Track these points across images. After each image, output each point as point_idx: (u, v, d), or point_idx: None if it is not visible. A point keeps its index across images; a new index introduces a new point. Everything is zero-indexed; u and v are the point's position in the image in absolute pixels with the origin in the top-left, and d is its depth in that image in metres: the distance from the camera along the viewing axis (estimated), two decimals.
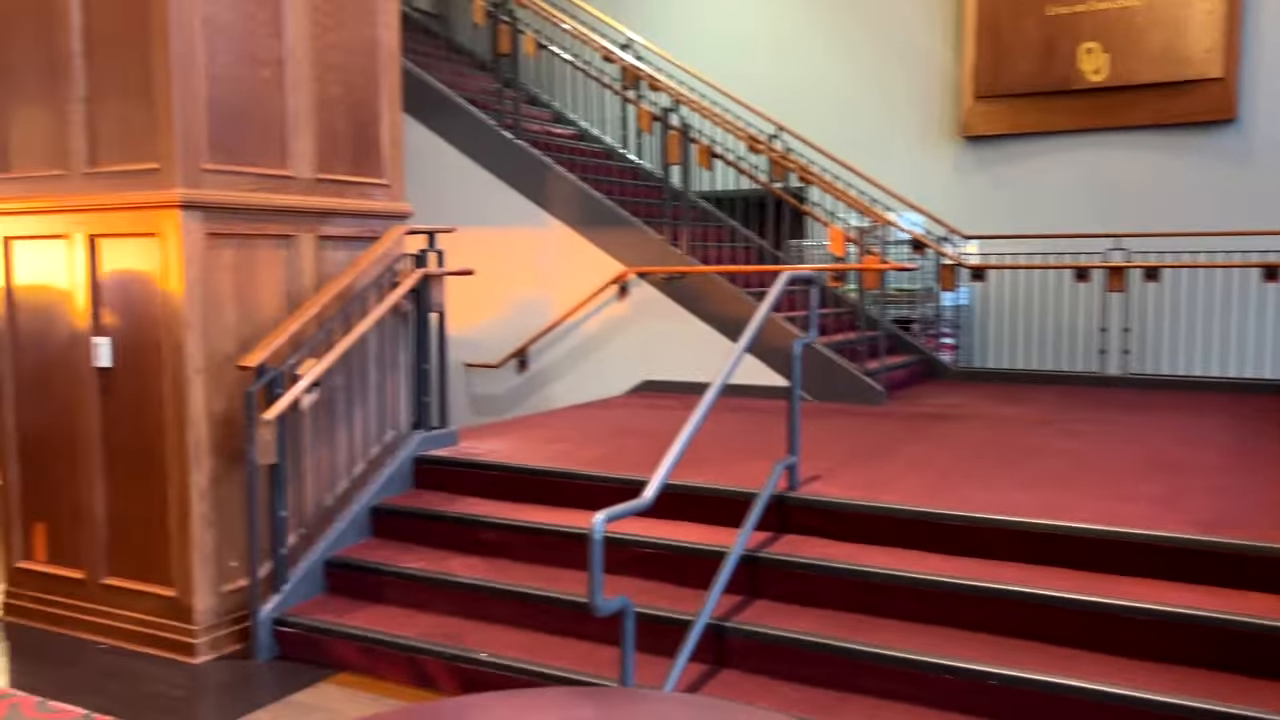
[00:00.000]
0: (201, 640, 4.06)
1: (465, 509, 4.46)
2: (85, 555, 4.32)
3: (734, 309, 6.56)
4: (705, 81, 8.24)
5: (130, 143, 4.05)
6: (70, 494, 4.34)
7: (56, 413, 4.37)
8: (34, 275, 4.41)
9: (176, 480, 4.05)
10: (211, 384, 4.09)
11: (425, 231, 4.86)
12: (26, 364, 4.46)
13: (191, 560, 4.05)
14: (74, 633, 4.32)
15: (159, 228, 4.00)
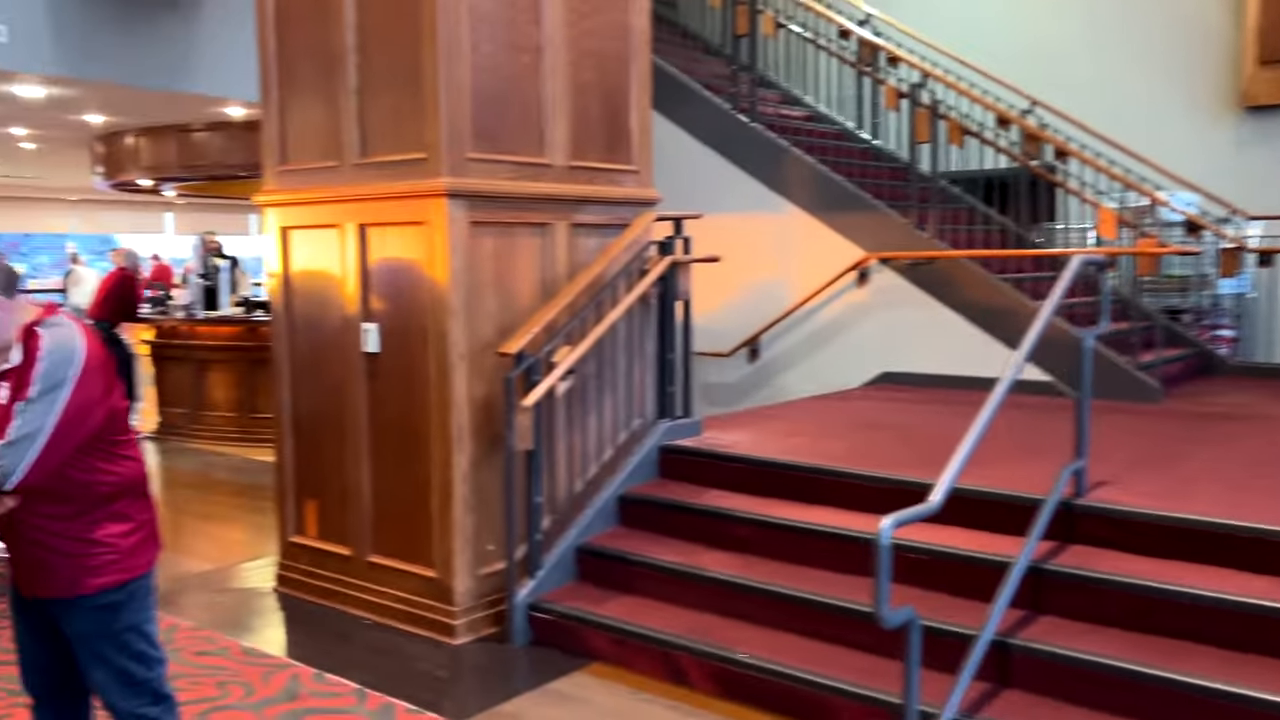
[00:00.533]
0: (460, 622, 4.13)
1: (714, 502, 4.35)
2: (352, 533, 4.49)
3: (986, 296, 6.17)
4: (948, 55, 7.80)
5: (399, 133, 4.15)
6: (339, 473, 4.53)
7: (327, 395, 4.56)
8: (308, 263, 4.61)
9: (439, 463, 4.14)
10: (472, 369, 4.15)
11: (673, 218, 4.77)
12: (300, 348, 4.68)
13: (453, 542, 4.13)
14: (341, 607, 4.50)
15: (426, 216, 4.08)
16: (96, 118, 8.50)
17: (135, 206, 18.87)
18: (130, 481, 2.54)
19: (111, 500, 2.49)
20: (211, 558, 5.37)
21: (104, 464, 2.47)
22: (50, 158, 11.43)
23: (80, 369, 2.35)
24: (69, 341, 2.38)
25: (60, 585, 2.46)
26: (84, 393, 2.36)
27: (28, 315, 2.43)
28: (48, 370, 2.32)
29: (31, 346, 2.36)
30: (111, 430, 2.48)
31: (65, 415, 2.32)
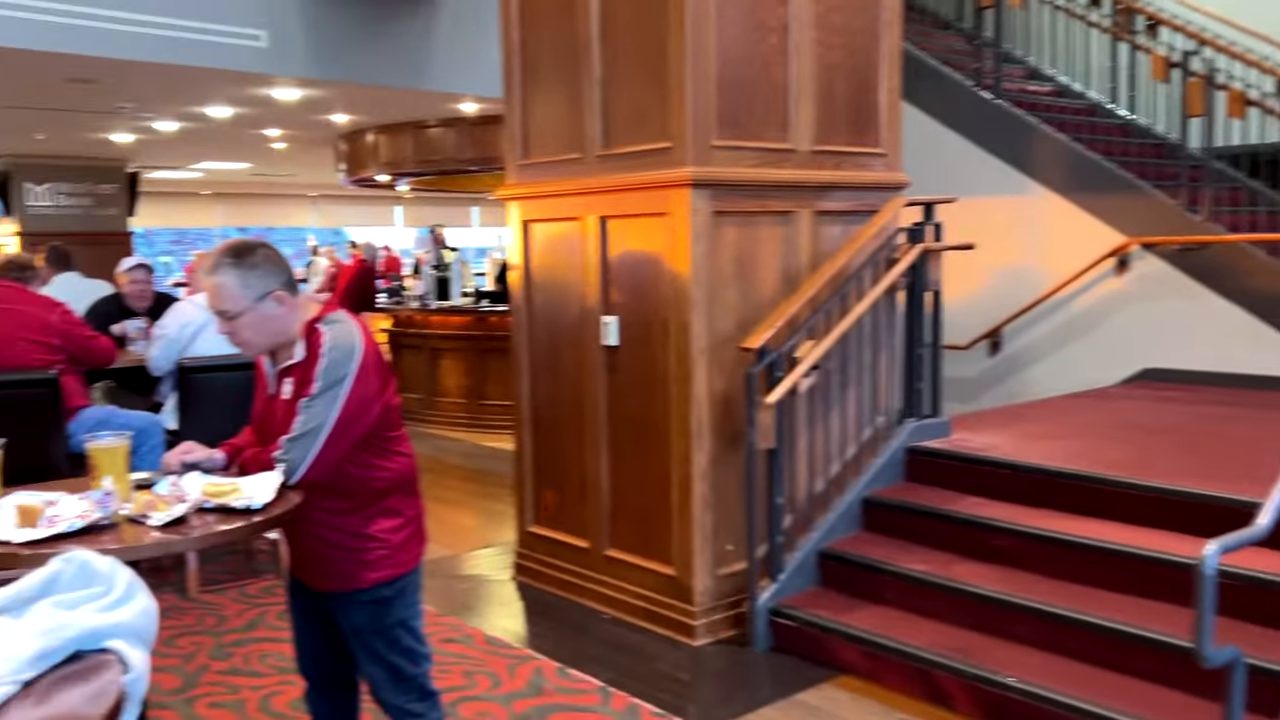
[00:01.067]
0: (700, 623, 4.03)
1: (969, 509, 4.05)
2: (590, 526, 4.47)
3: (1270, 284, 5.52)
4: (1218, 18, 7.05)
5: (643, 123, 4.06)
6: (577, 465, 4.51)
7: (566, 386, 4.56)
8: (548, 256, 4.62)
9: (678, 459, 4.04)
10: (712, 364, 4.02)
11: (923, 203, 4.48)
12: (540, 339, 4.70)
13: (692, 540, 4.02)
14: (579, 599, 4.50)
15: (668, 207, 3.99)
16: (341, 117, 8.94)
17: (368, 201, 19.98)
18: (402, 477, 2.55)
19: (385, 495, 2.50)
20: (447, 543, 5.51)
21: (378, 459, 2.48)
22: (297, 156, 12.18)
23: (359, 365, 2.37)
24: (349, 338, 2.39)
25: (338, 579, 2.50)
26: (362, 388, 2.37)
27: (309, 312, 2.46)
28: (329, 367, 2.34)
29: (314, 343, 2.39)
30: (386, 426, 2.49)
31: (345, 411, 2.33)
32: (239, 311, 2.37)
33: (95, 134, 9.75)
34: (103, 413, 4.59)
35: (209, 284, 2.38)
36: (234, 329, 2.39)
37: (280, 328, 2.42)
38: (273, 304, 2.39)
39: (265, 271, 2.39)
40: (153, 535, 1.97)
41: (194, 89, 7.33)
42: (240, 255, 2.38)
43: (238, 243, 2.43)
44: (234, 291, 2.36)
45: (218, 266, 2.37)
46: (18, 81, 6.87)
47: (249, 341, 2.42)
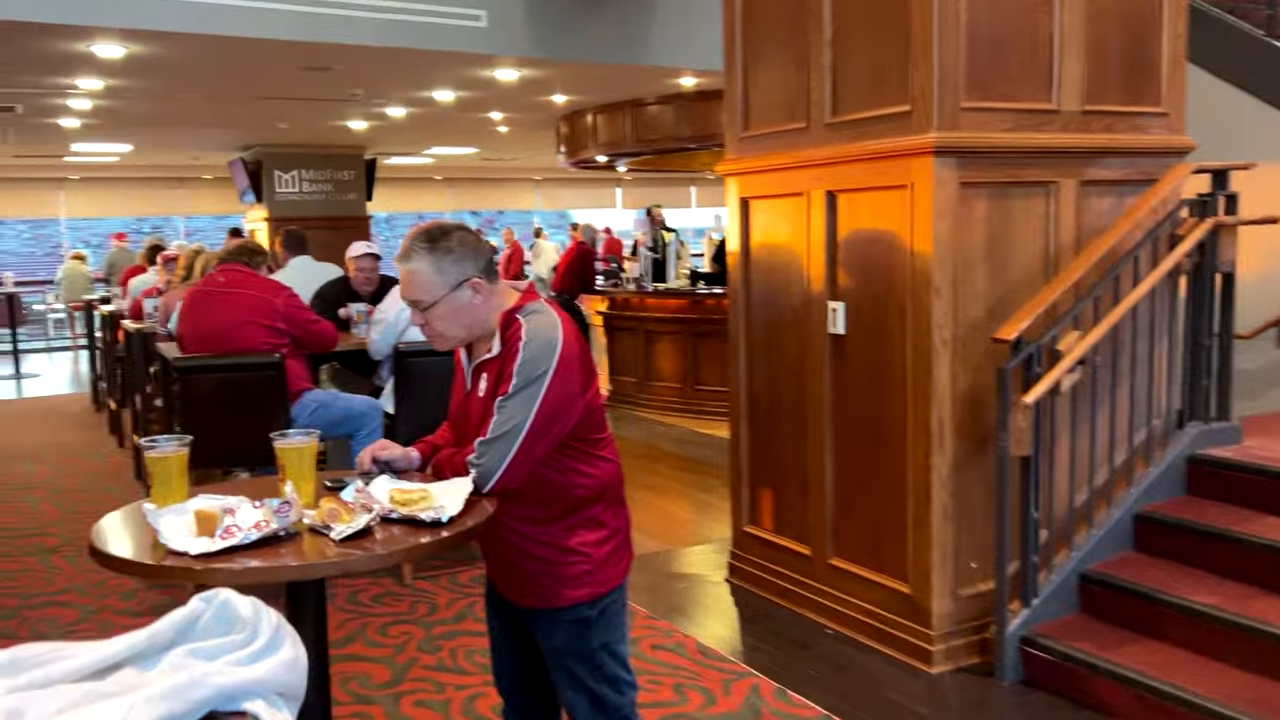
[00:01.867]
0: (938, 648, 3.58)
1: (1270, 533, 3.40)
2: (812, 531, 4.10)
3: None
4: None
5: (878, 85, 3.63)
6: (797, 464, 4.15)
7: (787, 377, 4.20)
8: (769, 235, 4.26)
9: (915, 463, 3.60)
10: (957, 357, 3.55)
11: (1214, 170, 3.82)
12: (758, 325, 4.36)
13: (929, 555, 3.58)
14: (798, 610, 4.14)
15: (907, 178, 3.54)
16: (560, 97, 8.88)
17: (589, 183, 20.18)
18: (606, 484, 2.28)
19: (587, 505, 2.24)
20: (659, 535, 5.27)
21: (580, 464, 2.22)
22: (521, 139, 12.33)
23: (559, 360, 2.11)
24: (549, 331, 2.14)
25: (535, 595, 2.26)
26: (563, 387, 2.11)
27: (507, 301, 2.22)
28: (527, 362, 2.09)
29: (511, 336, 2.14)
30: (589, 427, 2.23)
31: (543, 411, 2.08)
32: (432, 301, 2.16)
33: (333, 121, 10.16)
34: (325, 396, 4.62)
35: (402, 272, 2.19)
36: (427, 320, 2.19)
37: (476, 318, 2.20)
38: (468, 292, 2.17)
39: (461, 257, 2.17)
40: (332, 551, 1.78)
41: (419, 72, 7.41)
42: (434, 240, 2.17)
43: (432, 226, 2.21)
44: (428, 280, 2.15)
45: (411, 253, 2.17)
46: (258, 71, 7.15)
47: (442, 334, 2.22)
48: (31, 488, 6.53)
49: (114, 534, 1.88)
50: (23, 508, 6.03)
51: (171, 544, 1.76)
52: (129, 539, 1.84)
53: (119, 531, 1.88)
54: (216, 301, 4.46)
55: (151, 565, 1.70)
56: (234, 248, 4.57)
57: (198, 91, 7.97)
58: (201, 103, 8.61)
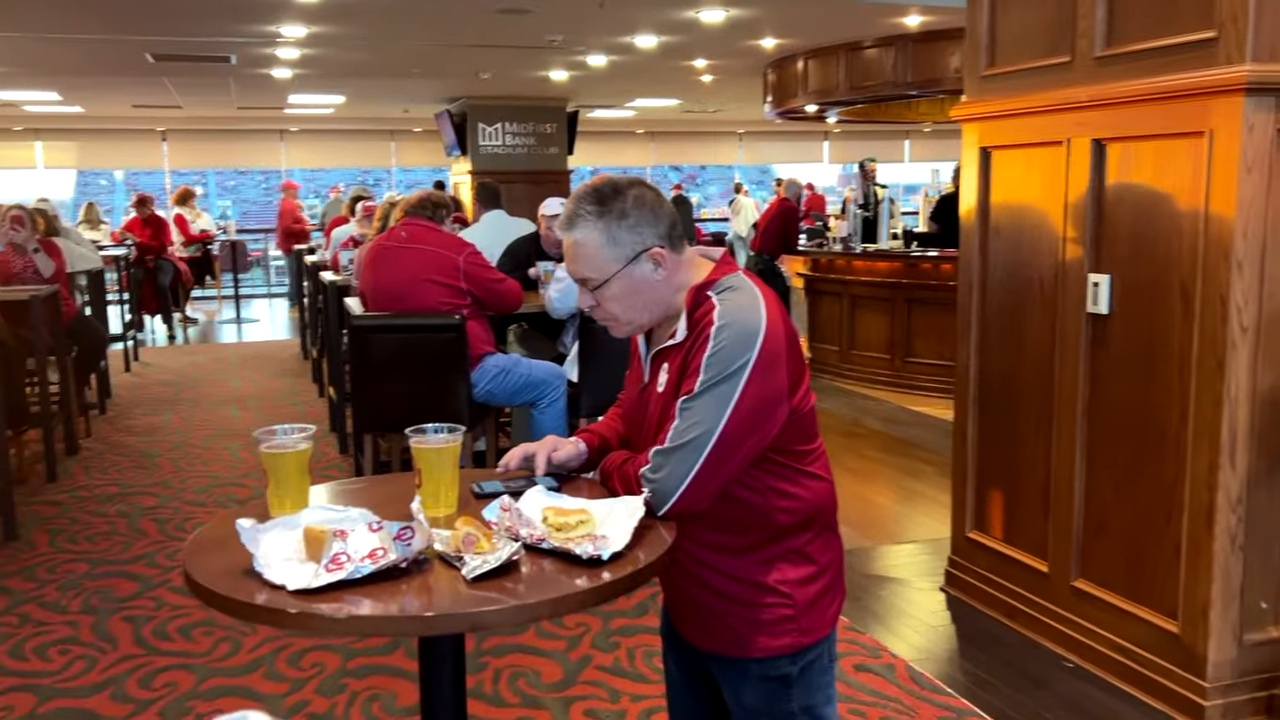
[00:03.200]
0: (1213, 703, 2.91)
1: None
2: (1051, 544, 3.47)
3: None
4: None
5: (1170, 6, 2.91)
6: (1038, 464, 3.51)
7: (1029, 360, 3.55)
8: (1014, 192, 3.60)
9: (1196, 476, 2.92)
10: (1262, 350, 2.83)
11: None
12: (995, 297, 3.72)
13: (1208, 589, 2.90)
14: (1031, 635, 3.53)
15: (1203, 123, 2.82)
16: (769, 41, 8.28)
17: (794, 136, 19.38)
18: (816, 508, 1.80)
19: (791, 533, 1.77)
20: (861, 528, 4.73)
21: (784, 483, 1.75)
22: (725, 89, 11.80)
23: (760, 352, 1.63)
24: (749, 313, 1.67)
25: (721, 639, 1.82)
26: (764, 386, 1.64)
27: (698, 274, 1.76)
28: (719, 353, 1.63)
29: (701, 319, 1.68)
30: (796, 437, 1.75)
31: (738, 416, 1.62)
32: (604, 279, 1.72)
33: (535, 72, 9.94)
34: (506, 361, 4.31)
35: (566, 243, 1.75)
36: (598, 301, 1.76)
37: (658, 297, 1.75)
38: (648, 265, 1.72)
39: (638, 221, 1.72)
40: (462, 592, 1.38)
41: (619, 15, 7.00)
42: (605, 202, 1.71)
43: (601, 184, 1.74)
44: (597, 252, 1.71)
45: (576, 219, 1.72)
46: (456, 13, 6.92)
47: (617, 318, 1.78)
48: (234, 434, 6.64)
49: (215, 547, 1.54)
50: (224, 455, 6.11)
51: (267, 572, 1.40)
52: (230, 556, 1.49)
53: (223, 544, 1.54)
54: (396, 256, 4.21)
55: (235, 601, 1.35)
56: (416, 200, 4.31)
57: (397, 37, 7.85)
58: (404, 51, 8.53)
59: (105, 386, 7.61)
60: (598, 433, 1.96)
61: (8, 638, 3.60)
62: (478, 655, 3.41)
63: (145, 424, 6.99)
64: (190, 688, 3.23)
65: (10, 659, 3.44)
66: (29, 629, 3.68)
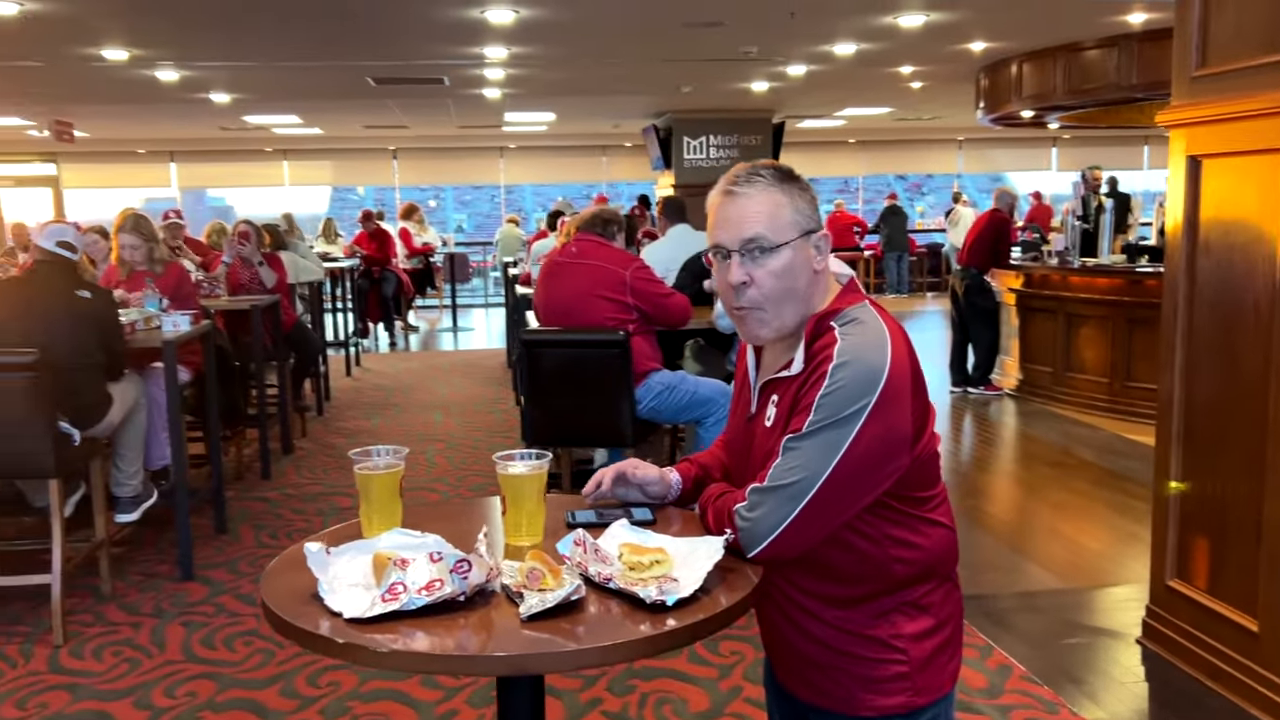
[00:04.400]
0: None
1: None
2: (1264, 601, 3.06)
3: None
4: None
5: None
6: (1248, 509, 3.11)
7: (1238, 391, 3.16)
8: (1227, 206, 3.22)
9: None
10: None
11: None
12: (1204, 319, 3.34)
13: None
14: (1235, 699, 3.13)
15: None
16: (978, 45, 7.86)
17: (1019, 143, 18.40)
18: (937, 558, 1.65)
19: (908, 585, 1.62)
20: (1059, 569, 4.37)
21: (902, 531, 1.60)
22: (937, 96, 11.34)
23: (882, 395, 1.49)
24: (873, 352, 1.52)
25: (828, 694, 1.68)
26: (883, 432, 1.50)
27: (826, 296, 1.63)
28: (837, 393, 1.49)
29: (820, 351, 1.55)
30: (917, 483, 1.60)
31: (848, 463, 1.49)
32: (778, 243, 1.58)
33: (736, 84, 9.89)
34: (671, 378, 4.26)
35: (733, 203, 1.60)
36: (752, 277, 1.59)
37: (804, 293, 1.61)
38: (813, 249, 1.62)
39: (812, 204, 1.64)
40: (513, 632, 1.32)
41: (813, 24, 6.84)
42: (781, 173, 1.62)
43: (775, 163, 1.66)
44: (777, 211, 1.59)
45: (754, 178, 1.60)
46: (646, 30, 6.96)
47: (764, 303, 1.60)
48: (434, 439, 6.93)
49: (297, 567, 1.55)
50: (420, 459, 6.38)
51: (329, 598, 1.40)
52: (308, 577, 1.50)
53: (299, 565, 1.55)
54: (566, 272, 4.25)
55: (287, 623, 1.35)
56: (589, 216, 4.34)
57: (593, 55, 7.99)
58: (604, 68, 8.68)
59: (325, 389, 8.14)
60: (698, 462, 1.86)
61: (202, 626, 3.87)
62: (626, 677, 3.37)
63: (356, 426, 7.42)
64: (352, 688, 3.35)
65: (201, 647, 3.69)
66: (222, 619, 3.94)
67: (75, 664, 3.56)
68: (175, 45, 7.38)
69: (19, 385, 3.57)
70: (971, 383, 8.14)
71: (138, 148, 16.28)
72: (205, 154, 16.65)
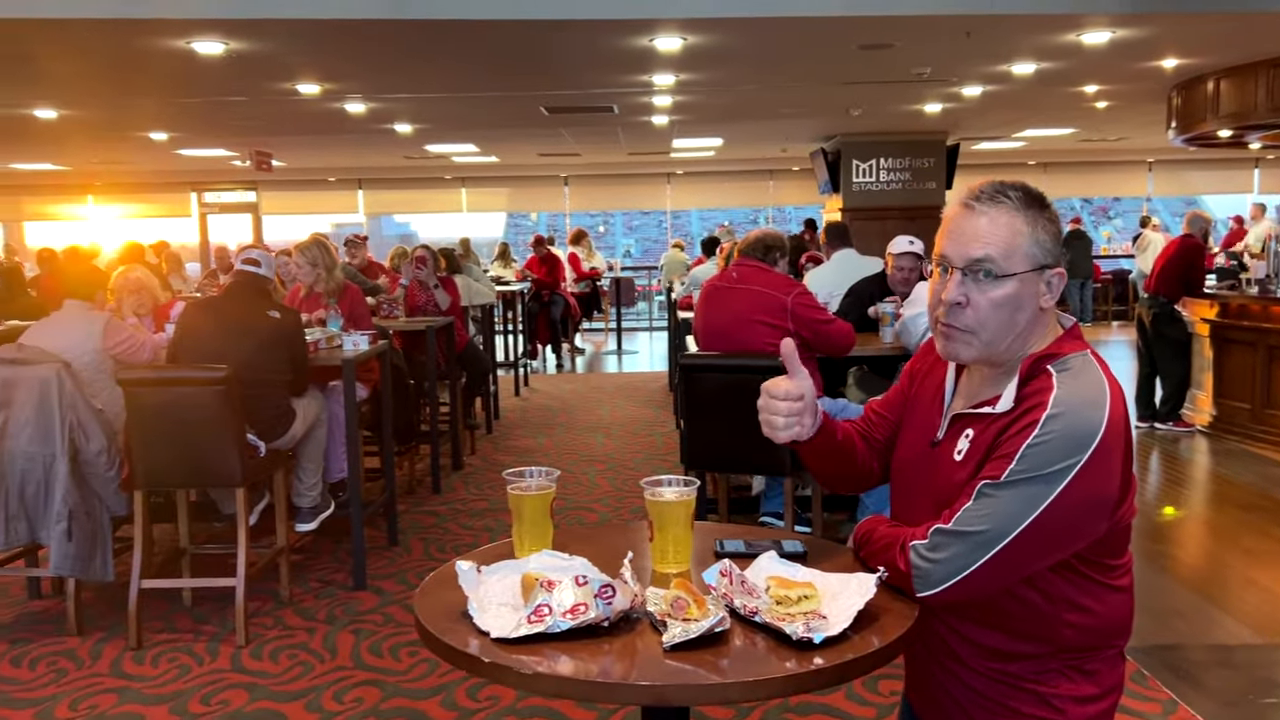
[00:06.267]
0: None
1: None
2: None
3: None
4: None
5: None
6: None
7: None
8: None
9: None
10: None
11: None
12: None
13: None
14: None
15: None
16: (1170, 62, 7.43)
17: (1216, 164, 17.27)
18: (1112, 628, 1.54)
19: (1075, 650, 1.52)
20: (1254, 621, 4.03)
21: (1080, 595, 1.51)
22: (1124, 115, 10.77)
23: (1094, 454, 1.40)
24: (1089, 406, 1.43)
25: None
26: (1086, 495, 1.41)
27: (1047, 337, 1.55)
28: (1046, 445, 1.41)
29: (1033, 395, 1.46)
30: (1107, 550, 1.51)
31: (1046, 522, 1.40)
32: (1009, 273, 1.50)
33: (907, 106, 9.67)
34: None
35: (970, 217, 1.54)
36: (970, 300, 1.52)
37: (1024, 328, 1.53)
38: (1043, 285, 1.54)
39: (1057, 238, 1.55)
40: (656, 661, 1.31)
41: (989, 43, 6.62)
42: (1031, 198, 1.55)
43: (1026, 184, 1.57)
44: (1015, 237, 1.51)
45: (1000, 197, 1.54)
46: (816, 54, 6.90)
47: (977, 328, 1.52)
48: (594, 460, 7.03)
49: (445, 585, 1.58)
50: (582, 479, 6.47)
51: (478, 617, 1.42)
52: (453, 593, 1.53)
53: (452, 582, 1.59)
54: (727, 296, 4.24)
55: (437, 639, 1.38)
56: (751, 240, 4.32)
57: (761, 80, 7.97)
58: (771, 93, 8.64)
59: (494, 408, 8.38)
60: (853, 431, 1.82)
61: (371, 634, 4.03)
62: (782, 710, 3.30)
63: (522, 445, 7.60)
64: (510, 703, 3.41)
65: (369, 655, 3.84)
66: (390, 628, 4.09)
67: (254, 664, 3.76)
68: (363, 79, 7.80)
69: (212, 398, 3.82)
70: (1159, 418, 7.64)
71: (329, 175, 17.29)
72: (389, 181, 17.53)
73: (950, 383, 1.65)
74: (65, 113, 8.96)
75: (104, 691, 3.55)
